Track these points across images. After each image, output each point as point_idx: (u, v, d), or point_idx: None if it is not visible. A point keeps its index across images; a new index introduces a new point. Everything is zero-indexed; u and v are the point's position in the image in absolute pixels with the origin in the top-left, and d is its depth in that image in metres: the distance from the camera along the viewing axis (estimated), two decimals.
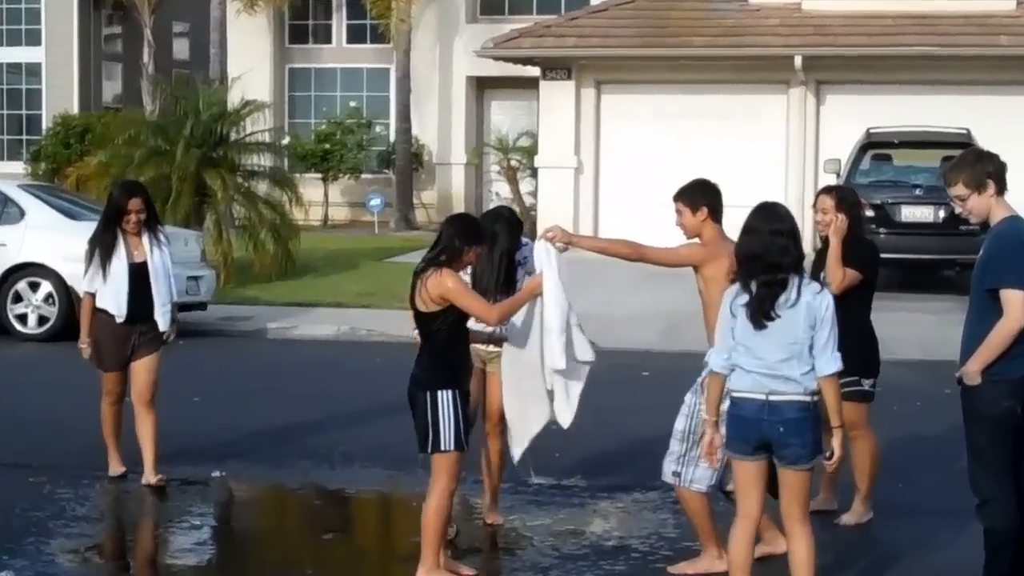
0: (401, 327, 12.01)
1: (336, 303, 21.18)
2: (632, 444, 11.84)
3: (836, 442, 7.20)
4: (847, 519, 9.43)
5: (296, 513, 10.58)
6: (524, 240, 9.64)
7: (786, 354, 7.05)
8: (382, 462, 11.07)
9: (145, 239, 10.54)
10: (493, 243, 9.28)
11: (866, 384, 9.26)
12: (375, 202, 32.12)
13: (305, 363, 16.54)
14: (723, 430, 7.31)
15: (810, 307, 7.07)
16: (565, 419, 8.74)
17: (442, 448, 8.04)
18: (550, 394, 8.62)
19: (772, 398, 7.06)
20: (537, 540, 9.24)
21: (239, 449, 11.60)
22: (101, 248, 10.42)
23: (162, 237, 10.72)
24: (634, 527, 9.57)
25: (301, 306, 20.79)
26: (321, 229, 31.90)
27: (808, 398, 7.08)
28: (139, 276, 10.43)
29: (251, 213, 23.84)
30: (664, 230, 10.08)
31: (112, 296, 10.35)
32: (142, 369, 10.57)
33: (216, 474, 10.90)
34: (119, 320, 10.37)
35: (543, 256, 8.60)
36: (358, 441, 11.88)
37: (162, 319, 10.52)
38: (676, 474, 8.35)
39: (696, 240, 8.50)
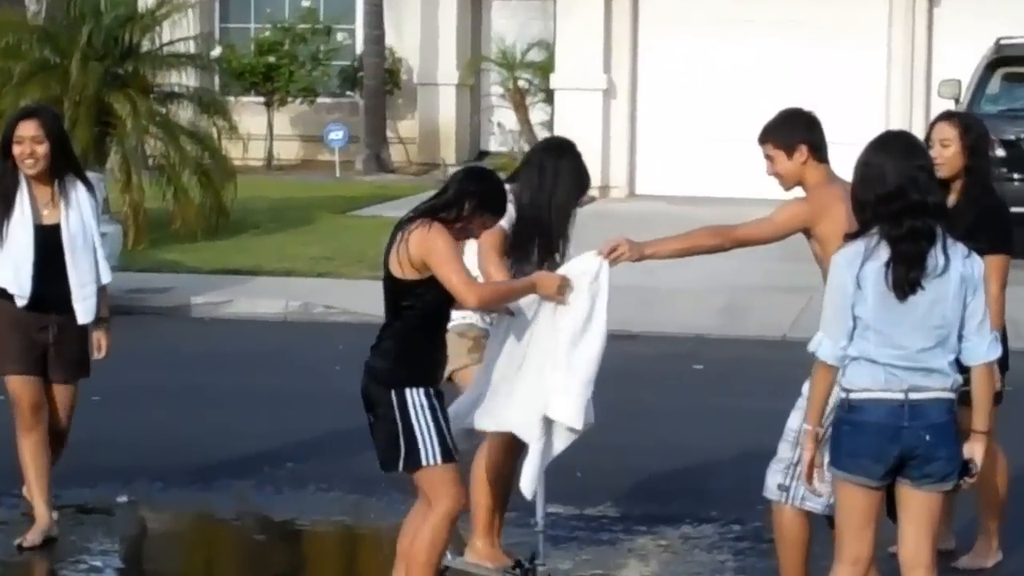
0: (370, 302, 11.94)
1: (284, 271, 21.11)
2: (679, 461, 11.83)
3: (979, 452, 7.07)
4: (967, 562, 9.46)
5: (230, 551, 10.45)
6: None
7: (933, 340, 6.89)
8: (344, 484, 11.03)
9: (60, 191, 9.83)
10: (554, 188, 9.31)
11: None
12: (336, 136, 32.16)
13: (242, 350, 16.51)
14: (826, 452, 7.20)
15: (963, 276, 6.88)
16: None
17: (424, 463, 8.04)
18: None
19: (913, 396, 6.90)
20: None
21: (154, 465, 11.52)
22: None
23: (82, 189, 9.92)
24: (682, 571, 9.56)
25: (237, 274, 20.70)
26: (265, 171, 31.98)
27: (954, 395, 6.97)
28: (49, 244, 9.66)
29: (170, 149, 23.81)
30: (719, 173, 10.14)
31: (10, 269, 9.63)
32: (62, 393, 9.94)
33: (123, 499, 10.85)
34: (20, 304, 9.66)
35: (591, 269, 8.59)
36: (313, 455, 11.86)
37: (81, 307, 9.74)
38: (783, 488, 8.23)
39: (794, 196, 8.42)
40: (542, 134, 29.85)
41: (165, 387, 14.02)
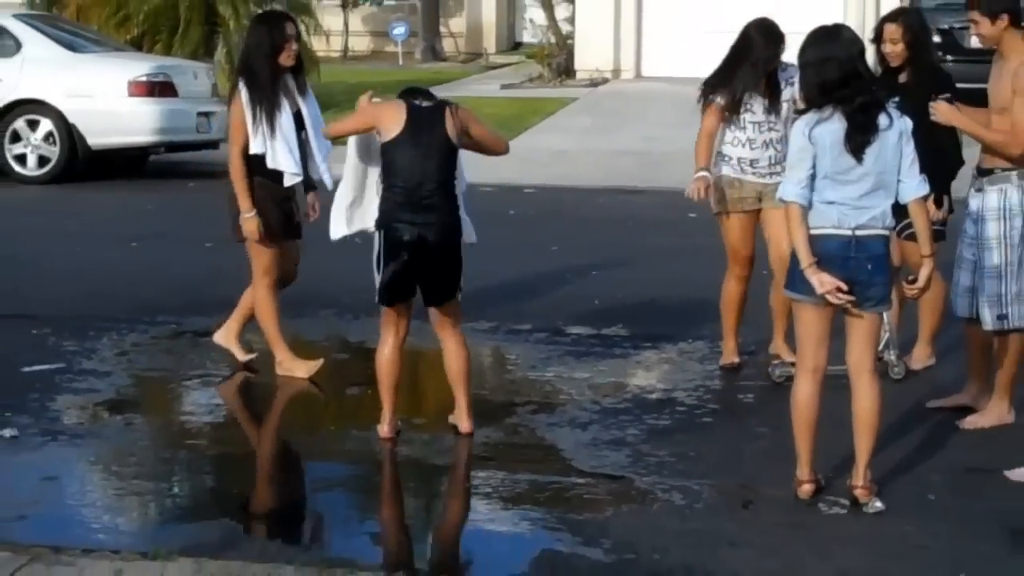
0: None
1: None
2: (677, 290, 11.84)
3: (924, 272, 7.11)
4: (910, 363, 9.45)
5: (337, 378, 10.20)
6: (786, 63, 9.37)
7: (874, 184, 6.88)
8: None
9: (297, 83, 9.51)
10: (750, 50, 9.32)
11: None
12: (399, 31, 32.00)
13: (326, 203, 16.35)
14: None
15: (901, 131, 6.90)
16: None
17: (462, 288, 8.13)
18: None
19: (859, 233, 6.90)
20: (576, 393, 9.18)
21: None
22: (267, 96, 9.18)
23: (302, 80, 9.59)
24: (680, 379, 9.52)
25: None
26: (341, 61, 31.90)
27: (888, 232, 7.00)
28: (299, 128, 9.40)
29: None
30: (710, 59, 9.99)
31: (285, 153, 9.20)
32: (295, 248, 9.76)
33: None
34: (292, 181, 9.37)
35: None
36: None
37: (327, 175, 9.55)
38: (1002, 317, 8.08)
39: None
40: (566, 28, 29.64)
41: None
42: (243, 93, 9.19)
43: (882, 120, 6.86)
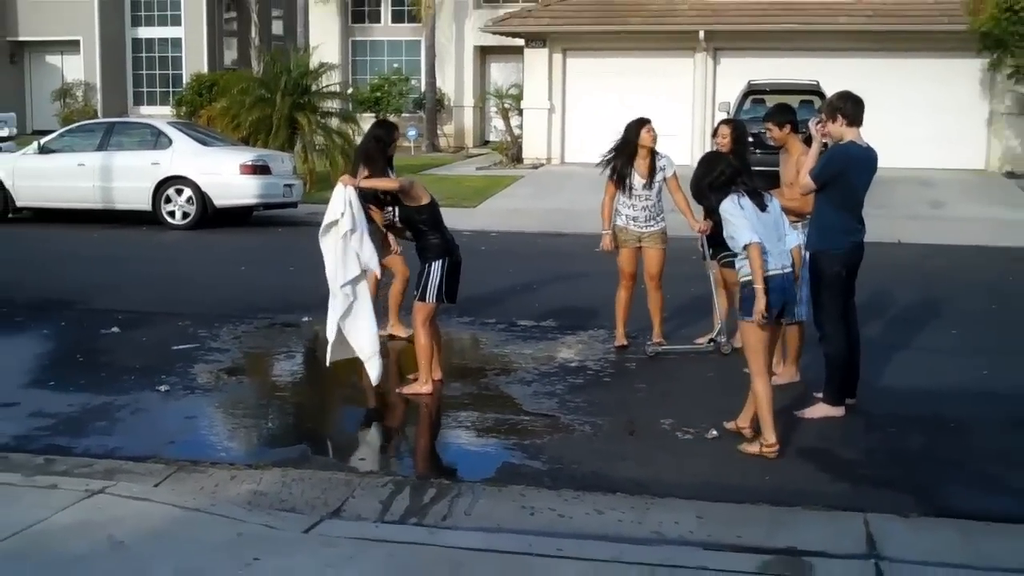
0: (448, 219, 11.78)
1: None
2: (588, 298, 11.81)
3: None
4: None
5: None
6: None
7: (779, 237, 6.65)
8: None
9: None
10: (627, 143, 9.29)
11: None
12: (412, 133, 31.91)
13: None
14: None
15: (776, 204, 6.76)
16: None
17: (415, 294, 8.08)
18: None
19: (784, 271, 6.62)
20: (524, 363, 9.15)
21: (321, 303, 11.42)
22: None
23: None
24: (589, 354, 9.49)
25: None
26: None
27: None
28: None
29: (327, 140, 23.71)
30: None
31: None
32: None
33: (306, 319, 10.82)
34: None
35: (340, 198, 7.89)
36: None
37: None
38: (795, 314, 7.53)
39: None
40: (517, 131, 29.65)
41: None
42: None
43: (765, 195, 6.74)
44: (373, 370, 7.97)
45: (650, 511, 5.66)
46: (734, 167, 6.75)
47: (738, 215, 6.52)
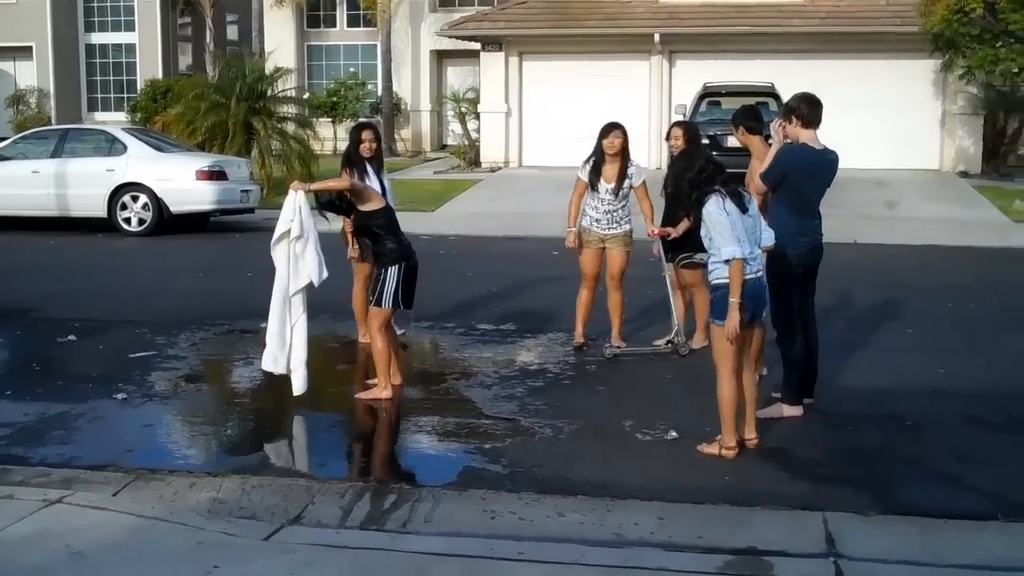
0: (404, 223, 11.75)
1: None
2: (546, 302, 11.82)
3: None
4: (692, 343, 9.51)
5: (329, 359, 10.10)
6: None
7: (754, 241, 6.61)
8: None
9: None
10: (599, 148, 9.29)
11: (696, 257, 9.08)
12: None
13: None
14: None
15: (753, 205, 6.74)
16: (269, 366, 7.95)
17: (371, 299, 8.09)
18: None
19: (758, 275, 6.60)
20: (483, 366, 9.13)
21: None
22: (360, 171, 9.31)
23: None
24: (548, 356, 9.49)
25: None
26: (332, 156, 31.50)
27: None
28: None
29: (283, 145, 23.60)
30: (565, 154, 10.04)
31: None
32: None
33: (263, 325, 10.62)
34: None
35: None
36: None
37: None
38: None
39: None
40: (474, 135, 29.65)
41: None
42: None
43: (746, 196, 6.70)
44: (298, 380, 7.86)
45: (611, 513, 5.67)
46: (716, 163, 6.71)
47: (723, 221, 6.45)
